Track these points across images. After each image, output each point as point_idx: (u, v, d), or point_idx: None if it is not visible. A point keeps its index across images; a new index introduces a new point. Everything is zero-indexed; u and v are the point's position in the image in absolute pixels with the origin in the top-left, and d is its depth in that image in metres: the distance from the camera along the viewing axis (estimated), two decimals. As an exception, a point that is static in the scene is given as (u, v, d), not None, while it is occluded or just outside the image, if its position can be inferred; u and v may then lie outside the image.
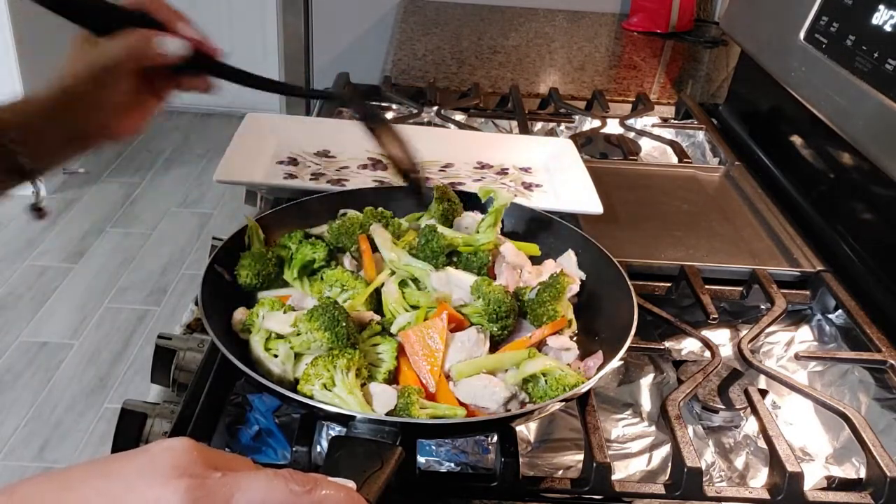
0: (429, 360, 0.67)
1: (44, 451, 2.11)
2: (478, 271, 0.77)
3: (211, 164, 3.56)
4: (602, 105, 1.46)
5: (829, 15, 1.08)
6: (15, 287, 2.71)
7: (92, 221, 3.14)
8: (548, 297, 0.73)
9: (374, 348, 0.68)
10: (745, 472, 0.72)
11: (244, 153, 1.04)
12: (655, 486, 0.66)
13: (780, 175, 1.23)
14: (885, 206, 0.97)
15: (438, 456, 0.69)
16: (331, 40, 2.43)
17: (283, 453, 0.69)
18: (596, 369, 0.70)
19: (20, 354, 2.43)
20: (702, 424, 0.76)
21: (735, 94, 1.51)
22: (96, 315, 2.63)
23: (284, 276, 0.78)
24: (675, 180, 1.19)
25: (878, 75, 0.94)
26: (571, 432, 0.73)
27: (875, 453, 0.67)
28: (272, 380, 0.64)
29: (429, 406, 0.64)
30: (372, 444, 0.56)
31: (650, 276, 0.94)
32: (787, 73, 1.17)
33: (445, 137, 1.21)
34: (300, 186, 0.99)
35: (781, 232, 1.05)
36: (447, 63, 1.69)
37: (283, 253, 0.79)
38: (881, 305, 0.90)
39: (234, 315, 0.72)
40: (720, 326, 0.90)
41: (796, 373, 0.84)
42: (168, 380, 0.77)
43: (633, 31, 2.10)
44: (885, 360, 0.80)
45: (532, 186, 1.07)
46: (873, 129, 0.94)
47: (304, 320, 0.65)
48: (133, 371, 2.41)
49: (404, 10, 2.13)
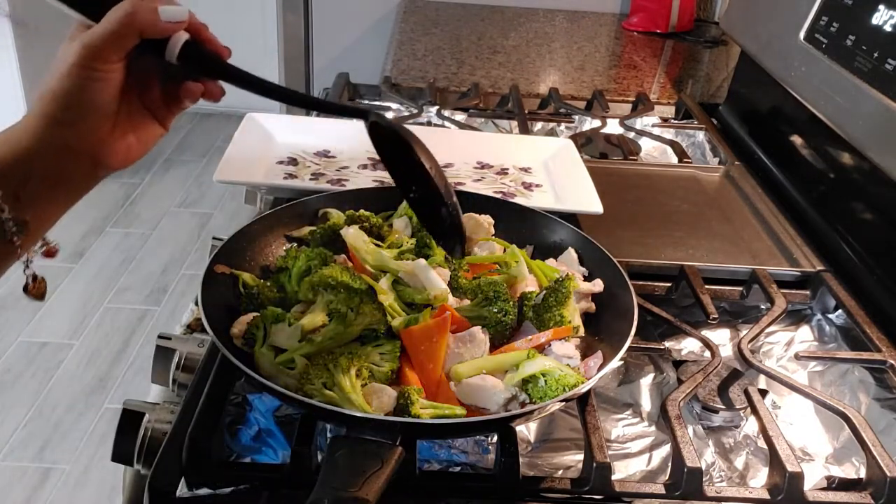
0: (429, 360, 0.67)
1: (44, 451, 2.11)
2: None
3: (211, 164, 3.57)
4: (602, 105, 1.46)
5: (829, 15, 1.08)
6: (15, 287, 2.70)
7: (92, 221, 3.14)
8: (553, 301, 0.73)
9: (375, 348, 0.68)
10: (745, 472, 0.72)
11: (244, 153, 1.04)
12: (655, 486, 0.66)
13: (780, 175, 1.23)
14: (885, 206, 0.97)
15: (438, 456, 0.69)
16: (331, 40, 2.43)
17: (283, 453, 0.69)
18: (596, 369, 0.70)
19: (20, 354, 2.43)
20: (702, 424, 0.76)
21: (735, 94, 1.51)
22: (96, 315, 2.63)
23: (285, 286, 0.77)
24: (675, 180, 1.19)
25: (878, 75, 0.94)
26: (571, 432, 0.73)
27: (875, 453, 0.67)
28: (290, 389, 0.64)
29: (429, 406, 0.64)
30: (372, 444, 0.56)
31: (650, 276, 0.94)
32: (787, 73, 1.17)
33: (445, 137, 1.21)
34: (300, 186, 0.99)
35: (781, 232, 1.05)
36: (447, 63, 1.69)
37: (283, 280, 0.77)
38: (881, 305, 0.90)
39: (233, 329, 0.70)
40: (720, 326, 0.90)
41: (796, 373, 0.84)
42: (168, 380, 0.77)
43: (633, 31, 2.10)
44: (885, 360, 0.80)
45: (532, 186, 1.07)
46: (873, 129, 0.94)
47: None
48: (133, 371, 2.41)
49: (404, 10, 2.13)
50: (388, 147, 0.65)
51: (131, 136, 0.60)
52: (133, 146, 0.60)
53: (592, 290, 0.80)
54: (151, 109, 0.61)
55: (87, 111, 0.56)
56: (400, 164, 0.66)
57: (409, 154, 0.63)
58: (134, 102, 0.60)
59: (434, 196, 0.65)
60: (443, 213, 0.66)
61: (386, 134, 0.63)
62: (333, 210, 0.88)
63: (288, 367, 0.66)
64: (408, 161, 0.63)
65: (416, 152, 0.63)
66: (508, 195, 1.02)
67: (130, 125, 0.60)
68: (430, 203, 0.66)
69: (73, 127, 0.56)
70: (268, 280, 0.77)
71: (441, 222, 0.67)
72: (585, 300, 0.80)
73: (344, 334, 0.67)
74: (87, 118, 0.56)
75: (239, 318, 0.71)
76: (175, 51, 0.57)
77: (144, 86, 0.60)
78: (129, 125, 0.60)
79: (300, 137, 1.12)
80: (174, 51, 0.57)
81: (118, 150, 0.59)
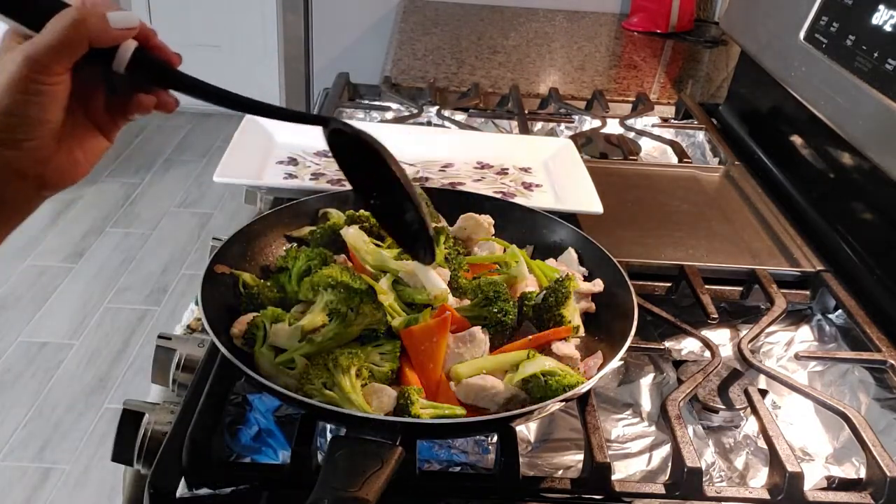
0: (429, 360, 0.67)
1: (44, 452, 2.11)
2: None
3: (211, 164, 3.57)
4: (602, 105, 1.46)
5: (829, 15, 1.08)
6: (15, 287, 2.71)
7: (92, 221, 3.14)
8: (553, 301, 0.73)
9: (375, 348, 0.68)
10: (745, 472, 0.72)
11: (244, 153, 1.04)
12: (655, 486, 0.66)
13: (780, 175, 1.23)
14: (886, 206, 0.97)
15: (438, 456, 0.69)
16: (331, 40, 2.43)
17: (283, 453, 0.69)
18: (596, 369, 0.70)
19: (20, 354, 2.43)
20: (702, 424, 0.76)
21: (735, 94, 1.51)
22: (96, 315, 2.63)
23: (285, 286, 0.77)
24: (675, 180, 1.19)
25: (878, 75, 0.94)
26: (571, 432, 0.73)
27: (875, 453, 0.67)
28: (290, 389, 0.64)
29: (429, 406, 0.64)
30: (372, 444, 0.56)
31: (650, 276, 0.94)
32: (787, 73, 1.17)
33: (445, 137, 1.21)
34: (300, 186, 0.99)
35: (781, 232, 1.05)
36: (447, 63, 1.69)
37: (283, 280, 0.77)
38: (881, 305, 0.90)
39: (233, 329, 0.70)
40: (720, 326, 0.90)
41: (796, 373, 0.84)
42: (168, 380, 0.77)
43: (633, 31, 2.10)
44: (885, 360, 0.80)
45: (532, 186, 1.07)
46: (873, 129, 0.94)
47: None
48: (133, 371, 2.41)
49: (404, 10, 2.13)
50: (349, 154, 0.62)
51: (78, 151, 0.56)
52: (80, 162, 0.56)
53: (592, 290, 0.80)
54: (95, 122, 0.57)
55: (33, 129, 0.51)
56: (360, 172, 0.64)
57: (372, 160, 0.60)
58: (78, 115, 0.55)
59: (399, 202, 0.63)
60: (407, 219, 0.64)
61: (347, 141, 0.60)
62: (333, 210, 0.88)
63: (288, 367, 0.66)
64: (369, 168, 0.61)
65: (385, 158, 0.60)
66: (508, 195, 1.02)
67: (76, 140, 0.56)
68: (392, 209, 0.65)
69: (18, 147, 0.51)
70: (268, 280, 0.77)
71: (406, 227, 0.65)
72: (585, 300, 0.80)
73: (344, 334, 0.67)
74: (32, 136, 0.51)
75: (239, 318, 0.71)
76: (125, 60, 0.53)
77: (88, 97, 0.56)
78: (75, 140, 0.55)
79: (300, 137, 1.12)
80: (124, 60, 0.53)
81: (65, 167, 0.55)
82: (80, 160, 0.56)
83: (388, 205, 0.65)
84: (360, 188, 0.66)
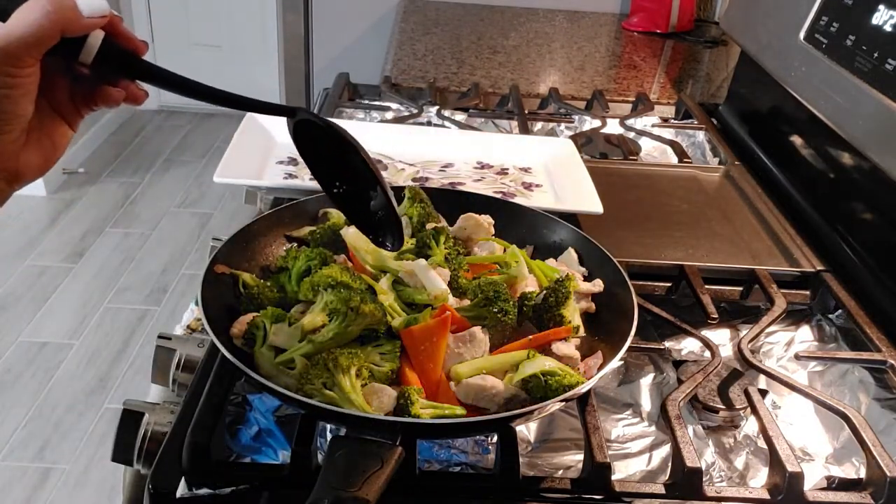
0: (429, 360, 0.67)
1: (44, 452, 2.11)
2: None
3: (211, 164, 3.57)
4: (602, 105, 1.46)
5: (829, 15, 1.08)
6: (15, 287, 2.71)
7: (92, 221, 3.15)
8: (553, 301, 0.73)
9: (375, 348, 0.68)
10: (745, 472, 0.72)
11: (244, 153, 1.04)
12: (655, 486, 0.66)
13: (780, 175, 1.23)
14: (885, 206, 0.97)
15: (438, 456, 0.69)
16: (331, 40, 2.43)
17: (283, 453, 0.69)
18: (596, 369, 0.70)
19: (20, 354, 2.43)
20: (702, 424, 0.76)
21: (735, 94, 1.51)
22: (96, 315, 2.63)
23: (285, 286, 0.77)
24: (675, 180, 1.19)
25: (878, 75, 0.94)
26: (571, 432, 0.73)
27: (875, 453, 0.67)
28: (290, 389, 0.64)
29: (429, 406, 0.64)
30: (372, 444, 0.56)
31: (650, 276, 0.94)
32: (787, 73, 1.17)
33: (445, 137, 1.21)
34: (300, 186, 0.99)
35: (781, 232, 1.05)
36: (447, 63, 1.69)
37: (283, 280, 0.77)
38: (881, 305, 0.90)
39: (233, 329, 0.70)
40: (720, 326, 0.90)
41: (796, 373, 0.84)
42: (168, 380, 0.77)
43: (633, 31, 2.10)
44: (885, 360, 0.80)
45: (532, 186, 1.07)
46: (873, 129, 0.94)
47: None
48: (133, 371, 2.41)
49: (404, 10, 2.13)
50: (314, 144, 0.63)
51: (46, 142, 0.55)
52: (48, 153, 0.55)
53: (592, 290, 0.80)
54: (59, 112, 0.56)
55: (6, 123, 0.50)
56: (325, 162, 0.65)
57: (338, 150, 0.61)
58: (43, 107, 0.54)
59: (364, 191, 0.64)
60: (374, 207, 0.65)
61: (314, 131, 0.61)
62: (333, 210, 0.88)
63: (288, 367, 0.66)
64: (335, 158, 0.62)
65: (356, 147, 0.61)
66: (508, 195, 1.02)
67: (44, 132, 0.55)
68: (357, 198, 0.66)
69: None
70: (268, 280, 0.77)
71: (372, 216, 0.66)
72: (585, 300, 0.80)
73: (344, 334, 0.67)
74: (5, 131, 0.50)
75: (239, 318, 0.71)
76: (93, 50, 0.52)
77: (52, 87, 0.55)
78: (43, 132, 0.55)
79: (300, 137, 1.11)
80: (92, 50, 0.52)
81: (34, 159, 0.54)
82: (48, 151, 0.55)
83: (353, 194, 0.66)
84: (324, 178, 0.67)
